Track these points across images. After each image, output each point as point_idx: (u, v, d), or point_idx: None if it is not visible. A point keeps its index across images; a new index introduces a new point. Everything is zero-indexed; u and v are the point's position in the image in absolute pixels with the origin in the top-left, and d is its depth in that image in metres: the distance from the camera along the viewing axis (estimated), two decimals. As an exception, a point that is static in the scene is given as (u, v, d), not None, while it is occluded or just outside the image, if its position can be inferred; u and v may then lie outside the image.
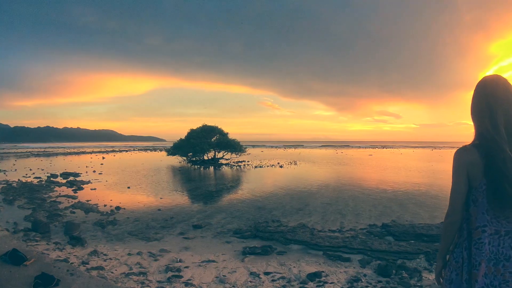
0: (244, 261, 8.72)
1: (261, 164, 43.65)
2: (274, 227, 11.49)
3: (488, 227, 2.01)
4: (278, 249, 9.74)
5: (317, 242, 10.05)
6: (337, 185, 24.11)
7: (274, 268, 8.23)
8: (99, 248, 9.34)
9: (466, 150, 2.06)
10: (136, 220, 13.02)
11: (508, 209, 1.96)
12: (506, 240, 2.00)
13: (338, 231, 11.46)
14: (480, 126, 2.08)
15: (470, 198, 2.07)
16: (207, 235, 11.28)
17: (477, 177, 2.01)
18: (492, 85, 2.08)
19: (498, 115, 1.99)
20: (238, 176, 31.85)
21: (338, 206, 16.12)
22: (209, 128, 47.10)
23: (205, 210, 15.28)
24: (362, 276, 7.74)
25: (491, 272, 2.00)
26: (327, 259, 9.10)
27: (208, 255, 9.10)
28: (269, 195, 19.24)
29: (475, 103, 2.14)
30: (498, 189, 1.94)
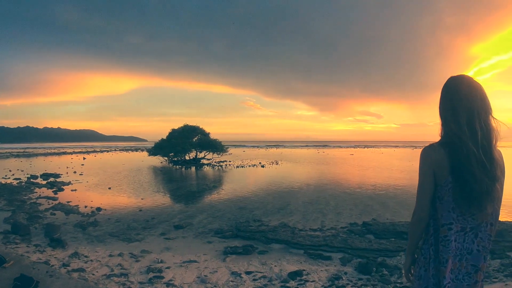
0: (226, 260, 8.74)
1: (242, 164, 43.70)
2: (256, 227, 11.53)
3: (454, 225, 2.06)
4: (259, 248, 9.78)
5: (298, 241, 10.11)
6: (318, 184, 24.27)
7: (255, 267, 8.27)
8: (80, 250, 9.27)
9: (433, 149, 2.09)
10: (117, 221, 12.95)
11: (474, 207, 2.02)
12: (469, 236, 2.08)
13: (319, 230, 11.53)
14: (445, 125, 2.13)
15: (436, 196, 2.11)
16: (189, 235, 11.28)
17: (443, 175, 2.05)
18: (456, 85, 2.14)
19: (462, 114, 2.04)
20: (219, 176, 31.83)
21: (319, 205, 16.22)
22: (190, 128, 46.87)
23: (186, 211, 15.25)
24: (343, 274, 7.82)
25: (456, 267, 2.09)
26: (308, 257, 9.17)
27: (189, 255, 9.10)
28: (251, 195, 19.27)
29: (441, 102, 2.20)
30: (464, 187, 1.99)
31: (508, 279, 7.32)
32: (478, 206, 2.01)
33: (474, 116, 2.03)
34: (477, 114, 2.04)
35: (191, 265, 8.27)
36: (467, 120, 2.03)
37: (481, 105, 2.07)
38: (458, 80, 2.15)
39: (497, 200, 2.09)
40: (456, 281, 2.10)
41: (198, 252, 9.42)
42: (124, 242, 10.46)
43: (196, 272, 7.82)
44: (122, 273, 7.62)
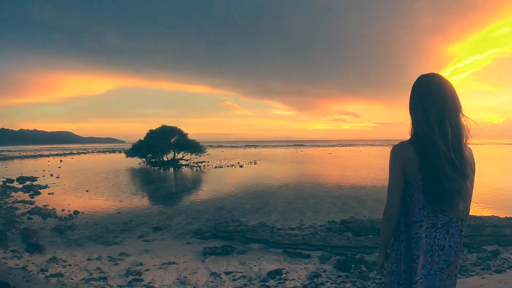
0: (205, 261, 8.75)
1: (221, 164, 43.64)
2: (234, 227, 11.53)
3: (425, 222, 2.10)
4: (238, 248, 9.80)
5: (277, 240, 10.14)
6: (296, 183, 24.39)
7: (234, 267, 8.29)
8: (58, 255, 9.18)
9: (402, 147, 2.13)
10: (95, 224, 12.82)
11: (445, 204, 2.06)
12: (441, 232, 2.13)
13: (298, 229, 11.59)
14: (415, 123, 2.17)
15: (407, 194, 2.15)
16: (167, 237, 11.25)
17: (413, 173, 2.08)
18: (427, 84, 2.16)
19: (431, 112, 2.07)
20: (198, 176, 31.77)
21: (298, 204, 16.31)
22: (168, 128, 46.72)
23: (165, 212, 15.19)
24: (322, 272, 7.90)
25: (428, 263, 2.13)
26: (287, 256, 9.22)
27: (168, 257, 9.09)
28: (229, 195, 19.28)
29: (411, 101, 2.22)
30: (434, 184, 2.04)
31: (485, 272, 7.48)
32: (449, 203, 2.06)
33: (444, 115, 2.07)
34: (448, 113, 2.08)
35: (171, 267, 8.26)
36: (437, 119, 2.06)
37: (451, 103, 2.10)
38: (428, 79, 2.18)
39: (467, 197, 2.15)
40: (429, 277, 2.15)
41: (177, 254, 9.41)
42: (102, 246, 10.37)
43: (176, 273, 7.81)
44: (101, 277, 7.57)
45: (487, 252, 9.08)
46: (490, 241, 10.03)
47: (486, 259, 8.49)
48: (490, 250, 9.22)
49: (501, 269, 7.54)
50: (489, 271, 7.55)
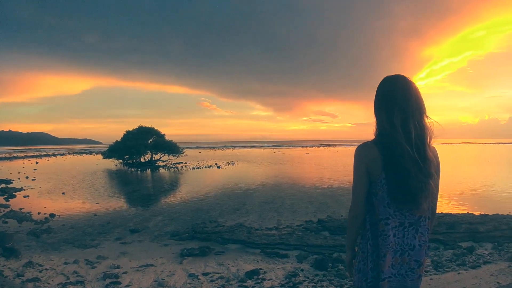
0: (183, 263, 8.75)
1: (198, 165, 43.62)
2: (212, 228, 11.55)
3: (392, 220, 2.13)
4: (216, 249, 9.82)
5: (254, 241, 10.20)
6: (274, 184, 24.49)
7: (212, 268, 8.31)
8: (34, 259, 9.07)
9: (366, 147, 2.17)
10: (72, 227, 12.70)
11: (410, 202, 2.10)
12: (410, 231, 2.15)
13: (275, 229, 11.66)
14: (380, 125, 2.20)
15: (372, 192, 2.18)
16: (145, 239, 11.21)
17: (376, 172, 2.12)
18: (391, 85, 2.21)
19: (395, 113, 2.11)
20: (175, 178, 31.65)
21: (275, 204, 16.41)
22: (145, 129, 46.35)
23: (142, 214, 15.12)
24: (299, 271, 7.97)
25: (398, 262, 2.15)
26: (264, 256, 9.28)
27: (146, 259, 9.05)
28: (207, 196, 19.29)
29: (375, 102, 2.26)
30: (397, 183, 2.08)
31: (460, 268, 7.67)
32: (413, 202, 2.09)
33: (408, 116, 2.11)
34: (411, 114, 2.11)
35: (148, 269, 8.24)
36: (401, 120, 2.10)
37: (415, 104, 2.14)
38: (392, 81, 2.23)
39: (432, 196, 2.18)
40: (399, 276, 2.16)
41: (155, 256, 9.38)
42: (79, 249, 10.28)
43: (153, 275, 7.80)
44: (78, 281, 7.52)
45: (463, 249, 9.28)
46: (466, 238, 10.26)
47: (461, 255, 8.69)
48: (466, 247, 9.44)
49: (476, 265, 7.74)
50: (464, 267, 7.75)
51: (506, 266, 7.07)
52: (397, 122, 2.10)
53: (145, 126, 47.29)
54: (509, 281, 6.06)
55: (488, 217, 12.03)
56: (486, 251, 9.18)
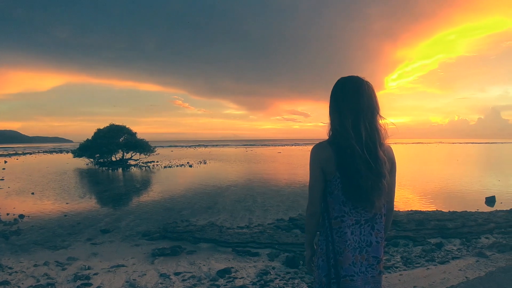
0: (154, 263, 8.72)
1: (170, 164, 43.36)
2: (183, 227, 11.53)
3: (347, 218, 2.19)
4: (187, 248, 9.81)
5: (226, 239, 10.22)
6: (246, 182, 24.57)
7: (184, 268, 8.30)
8: (3, 262, 8.90)
9: (320, 147, 2.23)
10: (42, 228, 12.51)
11: (363, 201, 2.16)
12: (366, 228, 2.22)
13: (247, 227, 11.73)
14: (332, 124, 2.27)
15: (327, 191, 2.24)
16: (116, 239, 11.12)
17: (331, 172, 2.17)
18: (343, 86, 2.27)
19: (347, 115, 2.17)
20: (146, 177, 31.44)
21: (247, 203, 16.49)
22: (116, 127, 45.94)
23: (113, 214, 14.99)
24: (271, 269, 8.02)
25: (358, 260, 2.21)
26: (236, 255, 9.32)
27: (117, 259, 8.99)
28: (178, 195, 19.26)
29: (330, 104, 2.33)
30: (350, 182, 2.13)
31: (429, 263, 7.81)
32: (367, 201, 2.15)
33: (359, 117, 2.16)
34: (363, 115, 2.17)
35: (119, 270, 8.19)
36: (352, 121, 2.16)
37: (367, 105, 2.19)
38: (345, 82, 2.28)
39: (387, 194, 2.26)
40: (361, 274, 2.21)
41: (126, 256, 9.33)
42: (49, 250, 10.13)
43: (125, 276, 7.76)
44: (49, 283, 7.44)
45: (432, 245, 9.50)
46: (434, 234, 10.48)
47: (430, 251, 8.89)
48: (434, 243, 9.67)
49: (445, 260, 7.90)
50: (433, 262, 7.90)
51: (474, 261, 7.26)
52: (347, 123, 2.16)
53: (117, 124, 46.86)
54: (476, 275, 6.23)
55: (456, 214, 12.32)
56: (454, 246, 9.42)
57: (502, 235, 10.31)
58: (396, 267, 7.73)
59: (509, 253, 7.58)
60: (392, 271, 7.43)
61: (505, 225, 11.21)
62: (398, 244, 9.86)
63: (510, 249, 7.88)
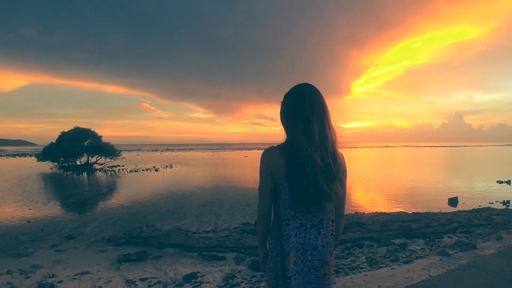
0: (120, 269, 8.69)
1: (136, 168, 43.04)
2: (149, 232, 11.50)
3: (293, 221, 2.27)
4: (153, 254, 9.81)
5: (191, 244, 10.25)
6: (212, 187, 24.60)
7: (150, 273, 8.31)
8: (-38, 271, 8.77)
9: (269, 152, 2.29)
10: (4, 235, 12.25)
11: (310, 205, 2.23)
12: (312, 232, 2.28)
13: (213, 232, 11.76)
14: (285, 130, 2.34)
15: (276, 194, 2.30)
16: (80, 245, 11.00)
17: (279, 176, 2.24)
18: (296, 93, 2.34)
19: (299, 122, 2.24)
20: (112, 181, 31.05)
21: (213, 207, 16.53)
22: (81, 131, 45.15)
23: (77, 219, 14.79)
24: (237, 273, 8.10)
25: (301, 260, 2.29)
26: (202, 259, 9.35)
27: (82, 266, 8.92)
28: (144, 200, 19.14)
29: (281, 110, 2.39)
30: (298, 187, 2.20)
31: (393, 263, 7.98)
32: (314, 206, 2.22)
33: (312, 123, 2.22)
34: (316, 122, 2.24)
35: (84, 277, 8.12)
36: (304, 127, 2.22)
37: (319, 112, 2.27)
38: (298, 90, 2.35)
39: (337, 200, 2.35)
40: (302, 273, 2.28)
41: (91, 263, 9.26)
42: (12, 258, 9.95)
43: (90, 283, 7.71)
44: (12, 292, 7.37)
45: (396, 245, 9.76)
46: (399, 235, 10.76)
47: (394, 252, 9.12)
48: (399, 243, 9.94)
49: (409, 260, 8.10)
50: (397, 262, 8.09)
51: (437, 259, 7.44)
52: (300, 130, 2.23)
53: (82, 127, 46.01)
54: (439, 273, 6.41)
55: (420, 215, 12.67)
56: (418, 246, 9.69)
57: (465, 234, 10.69)
58: (361, 268, 7.92)
59: (472, 252, 7.81)
60: (357, 272, 7.60)
61: (467, 224, 11.62)
62: (363, 245, 10.06)
63: (472, 247, 8.12)
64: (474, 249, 8.01)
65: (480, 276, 5.80)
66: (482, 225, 11.62)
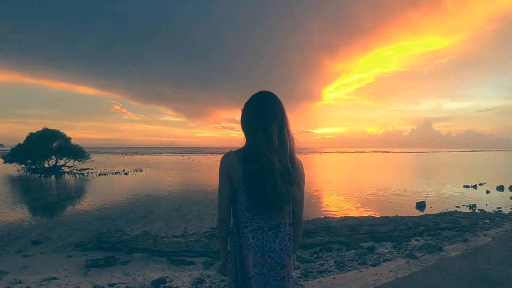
0: (88, 274, 8.64)
1: (105, 172, 42.53)
2: (117, 237, 11.44)
3: (250, 223, 2.33)
4: (122, 259, 9.78)
5: (160, 249, 10.25)
6: (182, 191, 24.56)
7: (118, 279, 8.29)
8: None
9: (227, 156, 2.39)
10: (-33, 241, 12.07)
11: (266, 209, 2.31)
12: (269, 235, 2.35)
13: (182, 236, 11.77)
14: (245, 135, 2.44)
15: (235, 197, 2.39)
16: (48, 250, 10.86)
17: (237, 180, 2.32)
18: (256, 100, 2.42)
19: (259, 128, 2.32)
20: (80, 185, 30.63)
21: (182, 211, 16.54)
22: (50, 132, 44.38)
23: (45, 224, 14.59)
24: (206, 278, 8.15)
25: (259, 262, 2.35)
26: (171, 264, 9.37)
27: (49, 272, 8.84)
28: (113, 204, 18.98)
29: (242, 116, 2.48)
30: (254, 191, 2.28)
31: (362, 266, 8.12)
32: (271, 209, 2.30)
33: (271, 129, 2.31)
34: (275, 126, 2.32)
35: (52, 283, 8.04)
36: (264, 132, 2.31)
37: (279, 118, 2.35)
38: (258, 96, 2.43)
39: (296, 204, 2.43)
40: (262, 275, 2.35)
41: (58, 268, 9.17)
42: (-23, 264, 9.83)
43: (57, 289, 7.67)
44: (-24, 299, 7.27)
45: (364, 248, 9.97)
46: (367, 238, 11.01)
47: (363, 255, 9.32)
48: (367, 246, 10.17)
49: (377, 263, 8.26)
50: (365, 265, 8.25)
51: (405, 262, 7.61)
52: (259, 135, 2.31)
53: (50, 128, 45.22)
54: (405, 275, 6.56)
55: (388, 219, 12.98)
56: (386, 249, 9.92)
57: (432, 237, 11.01)
58: (329, 271, 8.04)
59: (438, 254, 8.01)
60: (326, 275, 7.71)
61: (434, 227, 11.95)
62: (332, 249, 10.22)
63: (439, 249, 8.33)
64: (441, 251, 8.24)
65: (443, 277, 5.99)
66: (449, 228, 12.00)
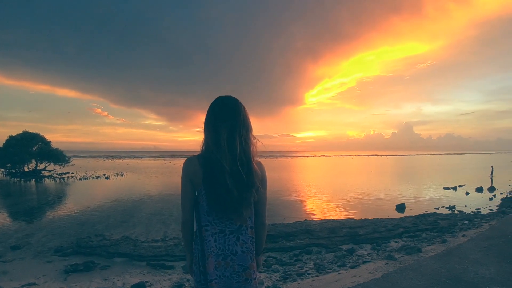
0: (67, 280, 8.63)
1: (86, 176, 42.21)
2: (97, 242, 11.40)
3: (211, 227, 2.39)
4: (101, 263, 9.78)
5: (140, 253, 10.27)
6: (162, 195, 24.56)
7: (98, 283, 8.28)
8: None
9: (190, 161, 2.42)
10: None
11: (228, 212, 2.37)
12: (231, 238, 2.41)
13: (162, 241, 11.80)
14: (205, 139, 2.46)
15: (197, 201, 2.44)
16: (27, 256, 10.84)
17: (198, 184, 2.38)
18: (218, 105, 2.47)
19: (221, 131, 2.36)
20: (61, 189, 30.42)
21: (163, 216, 16.57)
22: (30, 135, 43.95)
23: (24, 229, 14.53)
24: (185, 282, 8.18)
25: (221, 265, 2.40)
26: (151, 268, 9.41)
27: (28, 278, 8.82)
28: (93, 209, 18.93)
29: (206, 119, 2.50)
30: (214, 195, 2.34)
31: (341, 268, 8.20)
32: (231, 212, 2.37)
33: (234, 133, 2.37)
34: (238, 131, 2.39)
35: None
36: (227, 137, 2.36)
37: (242, 123, 2.42)
38: (223, 101, 2.49)
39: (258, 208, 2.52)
40: (224, 278, 2.40)
41: (38, 274, 9.16)
42: (-45, 270, 9.76)
43: (36, 294, 7.67)
44: (-45, 305, 7.24)
45: (344, 251, 10.14)
46: (346, 241, 11.15)
47: (342, 257, 9.46)
48: (346, 249, 10.33)
49: (356, 264, 8.37)
50: (345, 267, 8.35)
51: (383, 263, 7.67)
52: (222, 139, 2.36)
53: (30, 131, 44.71)
54: (377, 276, 6.65)
55: (368, 221, 13.13)
56: (365, 251, 10.07)
57: (411, 238, 11.21)
58: (308, 274, 8.14)
59: (417, 255, 8.09)
60: (305, 278, 7.80)
61: (413, 229, 12.14)
62: (311, 251, 10.33)
63: (417, 251, 8.44)
64: (419, 253, 8.34)
65: (416, 278, 6.08)
66: (428, 229, 12.22)
